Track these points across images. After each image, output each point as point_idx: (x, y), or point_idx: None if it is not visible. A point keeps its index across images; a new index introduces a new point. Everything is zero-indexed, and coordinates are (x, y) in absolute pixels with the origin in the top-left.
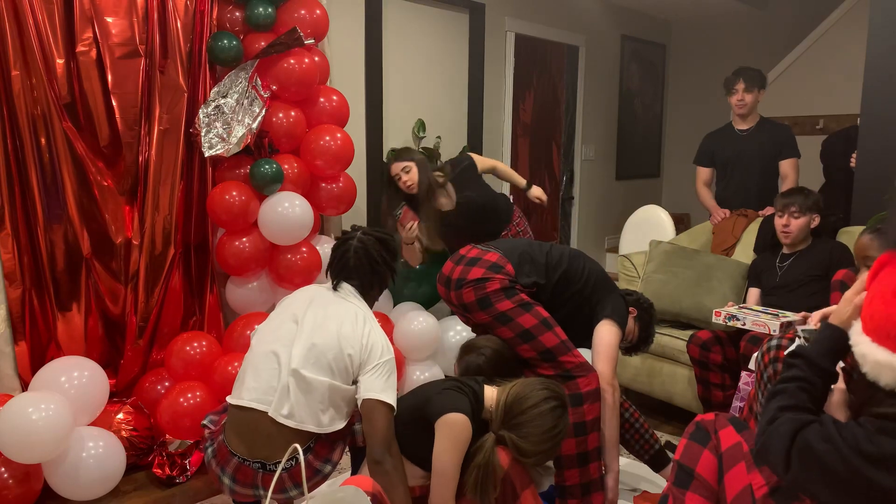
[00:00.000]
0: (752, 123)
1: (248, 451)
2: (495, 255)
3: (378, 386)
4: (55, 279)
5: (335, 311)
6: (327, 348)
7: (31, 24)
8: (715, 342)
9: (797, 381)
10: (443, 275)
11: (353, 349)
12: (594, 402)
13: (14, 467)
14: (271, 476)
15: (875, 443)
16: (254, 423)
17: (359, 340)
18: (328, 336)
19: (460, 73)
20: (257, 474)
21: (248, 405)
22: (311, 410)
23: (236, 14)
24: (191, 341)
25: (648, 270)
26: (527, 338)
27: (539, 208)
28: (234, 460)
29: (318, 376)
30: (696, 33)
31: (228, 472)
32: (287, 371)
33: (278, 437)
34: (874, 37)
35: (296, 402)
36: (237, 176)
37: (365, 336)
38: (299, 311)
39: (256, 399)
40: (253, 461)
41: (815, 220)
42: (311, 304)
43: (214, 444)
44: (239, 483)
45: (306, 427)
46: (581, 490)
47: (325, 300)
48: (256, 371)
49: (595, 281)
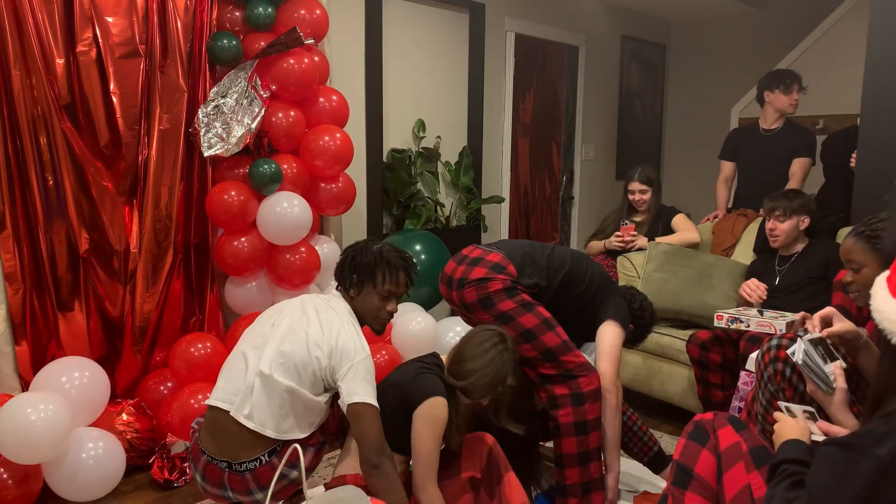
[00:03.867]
0: (780, 124)
1: (217, 450)
2: (498, 255)
3: (361, 389)
4: (56, 279)
5: (314, 316)
6: (295, 352)
7: (31, 24)
8: (714, 342)
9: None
10: (445, 274)
11: (322, 351)
12: (595, 401)
13: (13, 468)
14: (237, 476)
15: None
16: (221, 422)
17: (327, 342)
18: (297, 340)
19: (460, 73)
20: (224, 473)
21: (214, 404)
22: (271, 414)
23: (236, 14)
24: (194, 342)
25: (648, 270)
26: (528, 337)
27: (539, 208)
28: (204, 458)
29: (282, 380)
30: (696, 33)
31: (199, 469)
32: (254, 372)
33: (241, 438)
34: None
35: (257, 404)
36: (236, 176)
37: (334, 338)
38: (279, 315)
39: (222, 399)
40: (220, 460)
41: (804, 221)
42: (294, 308)
43: (192, 442)
44: (208, 482)
45: (266, 432)
46: (581, 489)
47: (311, 306)
48: (227, 372)
49: (598, 283)
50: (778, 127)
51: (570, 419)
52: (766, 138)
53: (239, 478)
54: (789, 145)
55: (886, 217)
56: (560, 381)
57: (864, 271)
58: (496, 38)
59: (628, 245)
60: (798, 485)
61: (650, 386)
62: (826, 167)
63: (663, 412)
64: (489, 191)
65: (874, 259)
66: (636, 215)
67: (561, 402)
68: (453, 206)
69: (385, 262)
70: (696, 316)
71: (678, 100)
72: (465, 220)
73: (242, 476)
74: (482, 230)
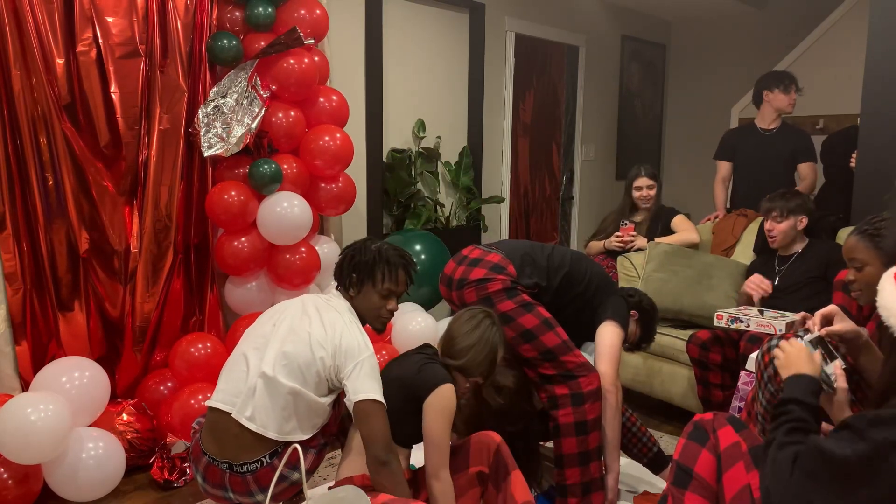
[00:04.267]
0: (777, 125)
1: (218, 452)
2: (497, 255)
3: (367, 386)
4: (56, 279)
5: (315, 316)
6: (298, 353)
7: (31, 24)
8: (714, 342)
9: (792, 423)
10: (445, 275)
11: (325, 351)
12: (595, 401)
13: (13, 468)
14: (238, 477)
15: None
16: (223, 423)
17: (331, 342)
18: (300, 341)
19: (460, 73)
20: (225, 475)
21: (215, 406)
22: (274, 415)
23: (236, 14)
24: (195, 343)
25: (648, 270)
26: (528, 338)
27: (539, 208)
28: (205, 459)
29: (286, 381)
30: (696, 33)
31: (200, 470)
32: (256, 373)
33: (243, 440)
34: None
35: (260, 405)
36: (236, 176)
37: (337, 338)
38: (280, 316)
39: (223, 400)
40: (221, 461)
41: (802, 222)
42: (295, 308)
43: (193, 442)
44: (209, 483)
45: (268, 433)
46: (581, 489)
47: (311, 306)
48: (228, 373)
49: (597, 283)
50: (776, 127)
51: (571, 419)
52: (764, 138)
53: (240, 479)
54: (788, 146)
55: (889, 216)
56: (560, 381)
57: (866, 270)
58: (496, 38)
59: (627, 245)
60: (797, 431)
61: (650, 386)
62: (826, 167)
63: (664, 412)
64: (489, 191)
65: (877, 258)
66: (636, 215)
67: (561, 402)
68: (453, 206)
69: (384, 261)
70: (697, 316)
71: (678, 100)
72: (465, 220)
73: (244, 477)
74: (482, 230)
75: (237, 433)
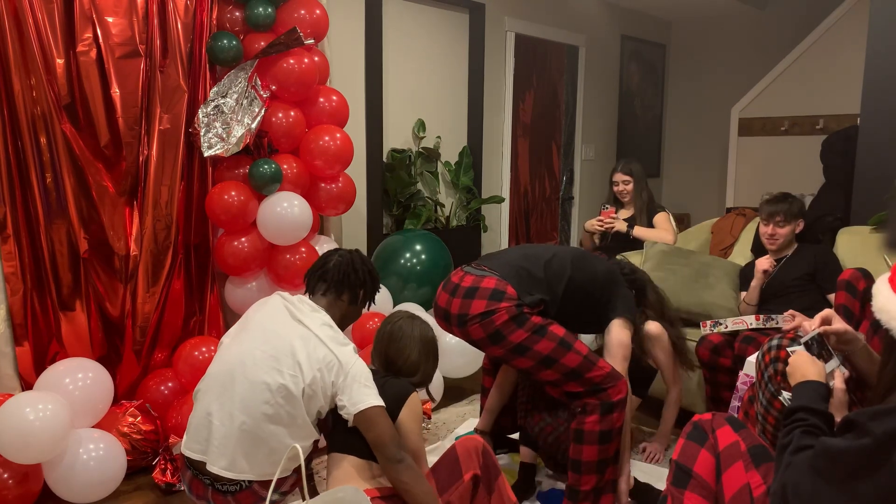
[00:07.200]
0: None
1: (200, 469)
2: (492, 280)
3: (363, 394)
4: (56, 279)
5: (286, 344)
6: (279, 390)
7: (31, 24)
8: (726, 346)
9: (805, 427)
10: (439, 307)
11: (309, 376)
12: (622, 410)
13: (13, 468)
14: (219, 496)
15: None
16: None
17: (311, 367)
18: (276, 375)
19: (460, 73)
20: (207, 490)
21: (187, 455)
22: (258, 462)
23: (236, 14)
24: (198, 346)
25: (646, 269)
26: (549, 363)
27: (539, 208)
28: (189, 473)
29: (270, 426)
30: (696, 33)
31: (186, 481)
32: (231, 423)
33: None
34: (874, 37)
35: (238, 455)
36: (236, 176)
37: (317, 360)
38: (245, 353)
39: (192, 450)
40: (204, 476)
41: (800, 225)
42: (256, 342)
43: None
44: (194, 494)
45: (246, 477)
46: (594, 494)
47: (278, 332)
48: (198, 421)
49: (602, 281)
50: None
51: (597, 427)
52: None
53: (221, 498)
54: None
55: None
56: (588, 395)
57: None
58: (496, 38)
59: (605, 227)
60: (810, 433)
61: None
62: (825, 167)
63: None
64: (489, 191)
65: None
66: (623, 209)
67: (590, 408)
68: (453, 206)
69: (377, 279)
70: (695, 314)
71: (678, 100)
72: (465, 220)
73: (225, 497)
74: (482, 230)
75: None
